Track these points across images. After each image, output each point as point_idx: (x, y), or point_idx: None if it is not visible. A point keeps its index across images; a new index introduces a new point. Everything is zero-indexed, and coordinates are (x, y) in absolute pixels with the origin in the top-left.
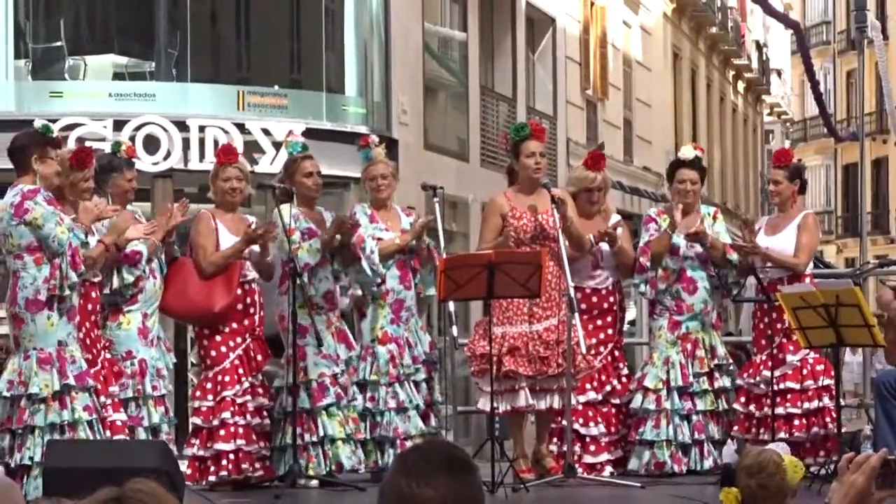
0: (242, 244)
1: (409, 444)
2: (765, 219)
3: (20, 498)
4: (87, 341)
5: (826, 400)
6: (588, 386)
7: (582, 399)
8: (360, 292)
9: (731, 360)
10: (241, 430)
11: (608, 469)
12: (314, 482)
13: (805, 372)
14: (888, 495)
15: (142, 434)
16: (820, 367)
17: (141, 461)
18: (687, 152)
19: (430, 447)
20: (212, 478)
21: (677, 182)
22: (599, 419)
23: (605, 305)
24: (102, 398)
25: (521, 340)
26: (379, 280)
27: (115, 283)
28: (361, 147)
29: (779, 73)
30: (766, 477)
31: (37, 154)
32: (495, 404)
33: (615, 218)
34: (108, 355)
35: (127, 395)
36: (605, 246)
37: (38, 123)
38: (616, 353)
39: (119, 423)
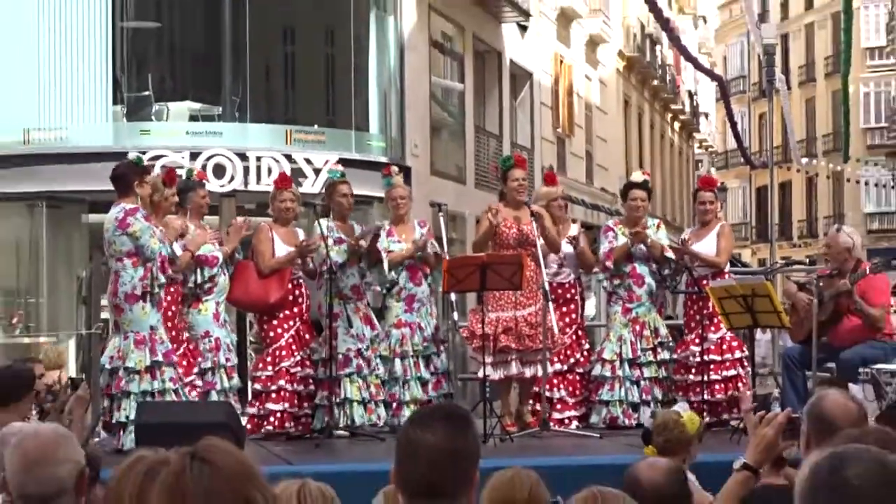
0: (295, 254)
1: (404, 408)
2: (689, 230)
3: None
4: (177, 326)
5: (739, 369)
6: (556, 359)
7: (550, 370)
8: (379, 289)
9: (671, 338)
10: (288, 395)
11: (575, 423)
12: (345, 433)
13: (725, 347)
14: (790, 445)
15: (214, 396)
16: (735, 344)
17: (212, 418)
18: (637, 177)
19: (436, 406)
20: (269, 427)
21: (630, 200)
22: (562, 385)
23: (568, 296)
24: (191, 371)
25: (511, 322)
26: (393, 279)
27: (199, 279)
28: (384, 175)
29: (706, 116)
30: (668, 432)
31: (137, 180)
32: (491, 373)
33: (575, 228)
34: (187, 335)
35: (206, 365)
36: (568, 248)
37: (132, 155)
38: (580, 332)
39: (199, 388)
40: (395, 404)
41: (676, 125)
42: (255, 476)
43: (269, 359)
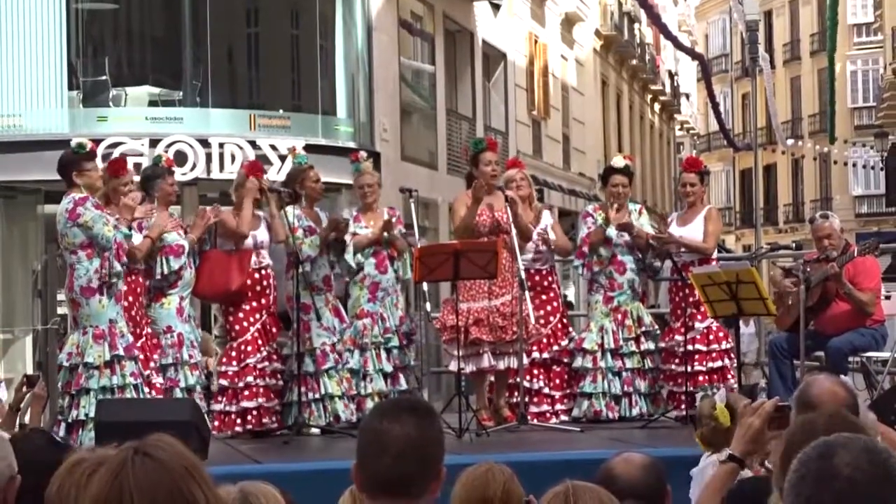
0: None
1: (368, 402)
2: (675, 214)
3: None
4: (137, 318)
5: (727, 360)
6: (534, 349)
7: (526, 361)
8: (347, 279)
9: (656, 327)
10: (261, 390)
11: (563, 416)
12: (316, 430)
13: (711, 337)
14: (778, 435)
15: (178, 393)
16: (721, 335)
17: (175, 415)
18: (618, 161)
19: (398, 398)
20: (238, 429)
21: (611, 185)
22: (542, 376)
23: (546, 283)
24: (149, 364)
25: (483, 313)
26: (357, 268)
27: (165, 270)
28: (353, 161)
29: (687, 96)
30: (706, 422)
31: (75, 170)
32: (462, 366)
33: (547, 216)
34: (148, 330)
35: (167, 361)
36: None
37: (73, 143)
38: (564, 321)
39: (158, 385)
40: (356, 398)
41: (656, 106)
42: (199, 475)
43: (233, 353)
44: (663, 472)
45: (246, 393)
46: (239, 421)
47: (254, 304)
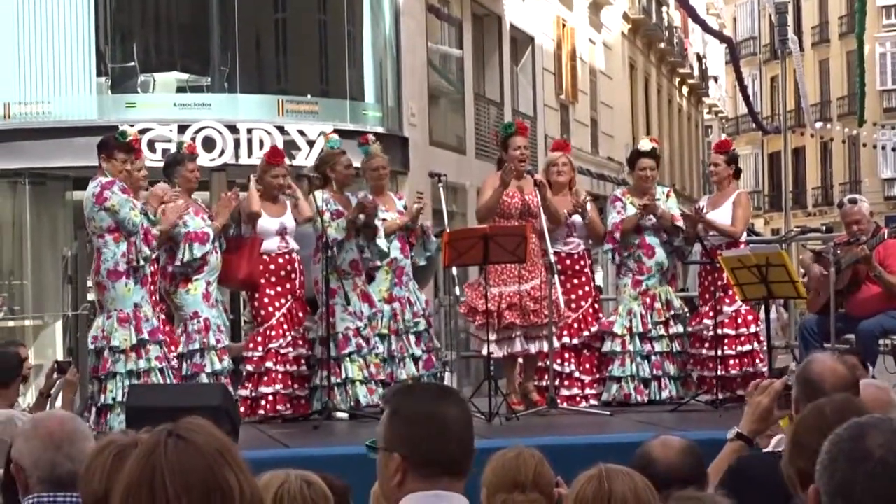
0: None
1: None
2: (706, 198)
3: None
4: (156, 306)
5: (755, 344)
6: (565, 333)
7: (557, 344)
8: (378, 263)
9: (686, 310)
10: (279, 377)
11: (592, 400)
12: (344, 415)
13: (739, 321)
14: (786, 414)
15: (204, 379)
16: (751, 318)
17: (206, 400)
18: (645, 145)
19: (429, 384)
20: (261, 412)
21: (638, 169)
22: (572, 360)
23: (577, 267)
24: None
25: (514, 298)
26: (387, 253)
27: (187, 256)
28: (361, 144)
29: (715, 79)
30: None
31: (104, 153)
32: (494, 350)
33: (584, 196)
34: (162, 316)
35: (194, 346)
36: (577, 218)
37: (120, 128)
38: (596, 305)
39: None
40: (392, 384)
41: (685, 90)
42: (233, 458)
43: (259, 339)
44: (701, 456)
45: (265, 378)
46: (254, 406)
47: (279, 288)
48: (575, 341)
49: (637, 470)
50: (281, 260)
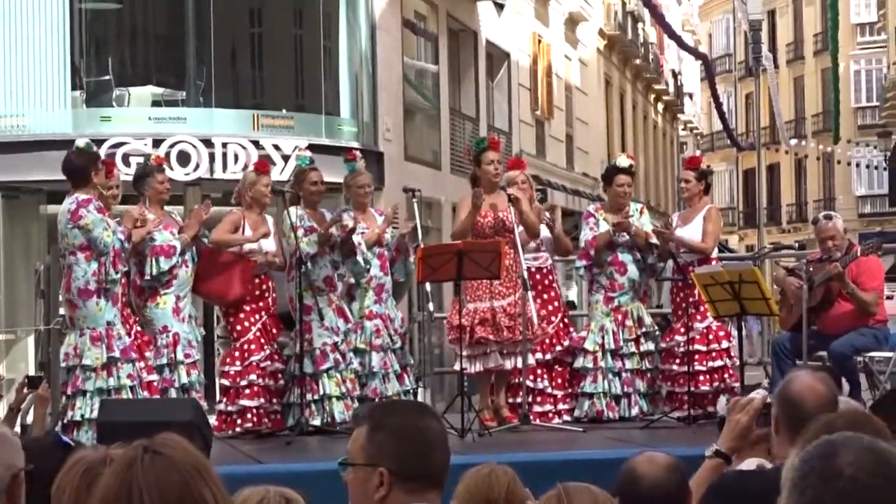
0: (245, 240)
1: None
2: (677, 214)
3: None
4: (124, 317)
5: (726, 360)
6: (537, 348)
7: (531, 360)
8: (353, 280)
9: (656, 328)
10: (261, 390)
11: (565, 416)
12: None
13: (711, 337)
14: (766, 433)
15: (173, 393)
16: (722, 334)
17: (178, 416)
18: (623, 161)
19: (403, 400)
20: (238, 429)
21: (616, 185)
22: (545, 376)
23: (546, 282)
24: (140, 364)
25: (489, 313)
26: (367, 268)
27: (154, 270)
28: (348, 160)
29: (690, 96)
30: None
31: (94, 170)
32: (468, 366)
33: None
34: (137, 328)
35: (162, 361)
36: (546, 233)
37: (80, 142)
38: (566, 320)
39: (154, 384)
40: (376, 400)
41: (660, 106)
42: (208, 474)
43: (237, 353)
44: (685, 473)
45: (247, 392)
46: (239, 420)
47: (253, 305)
48: (548, 357)
49: (622, 486)
50: (255, 280)
